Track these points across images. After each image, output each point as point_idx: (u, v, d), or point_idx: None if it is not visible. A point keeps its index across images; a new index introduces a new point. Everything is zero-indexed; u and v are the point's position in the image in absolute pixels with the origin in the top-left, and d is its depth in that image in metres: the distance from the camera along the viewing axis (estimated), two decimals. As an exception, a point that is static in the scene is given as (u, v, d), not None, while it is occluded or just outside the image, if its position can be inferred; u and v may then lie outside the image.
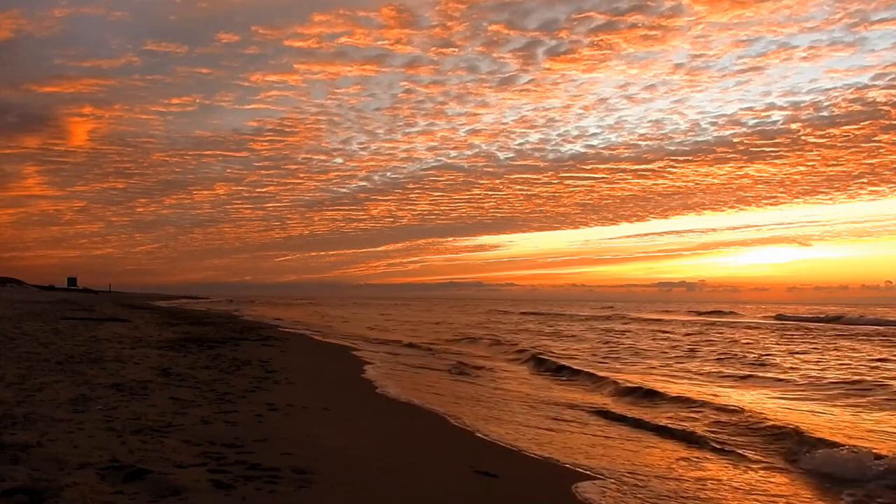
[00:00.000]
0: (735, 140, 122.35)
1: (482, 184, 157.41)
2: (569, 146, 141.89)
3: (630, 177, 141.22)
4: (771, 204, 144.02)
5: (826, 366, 18.69)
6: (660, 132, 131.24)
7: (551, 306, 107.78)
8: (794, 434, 9.03)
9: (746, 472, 7.49)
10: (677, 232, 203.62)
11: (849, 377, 15.72)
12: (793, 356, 21.71)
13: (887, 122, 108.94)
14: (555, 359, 19.46)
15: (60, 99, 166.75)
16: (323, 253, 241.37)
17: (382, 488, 5.51)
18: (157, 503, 4.45)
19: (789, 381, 15.31)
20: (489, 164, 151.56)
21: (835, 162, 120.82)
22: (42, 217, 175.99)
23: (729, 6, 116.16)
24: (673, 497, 6.26)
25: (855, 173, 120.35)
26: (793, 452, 8.37)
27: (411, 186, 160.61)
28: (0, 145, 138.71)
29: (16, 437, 5.71)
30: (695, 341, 28.67)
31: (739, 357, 21.15)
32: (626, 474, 6.94)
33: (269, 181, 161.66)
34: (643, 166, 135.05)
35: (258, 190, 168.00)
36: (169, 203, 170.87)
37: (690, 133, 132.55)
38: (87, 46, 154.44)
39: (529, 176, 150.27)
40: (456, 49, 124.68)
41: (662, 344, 27.17)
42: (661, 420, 10.34)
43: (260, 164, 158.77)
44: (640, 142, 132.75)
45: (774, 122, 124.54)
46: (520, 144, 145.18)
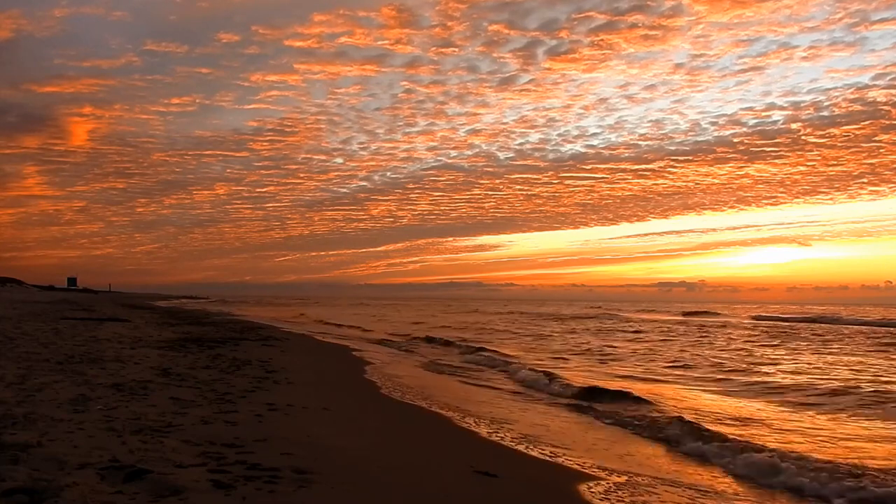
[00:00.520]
0: (735, 140, 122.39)
1: (482, 184, 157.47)
2: (569, 146, 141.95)
3: (630, 177, 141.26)
4: (771, 204, 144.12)
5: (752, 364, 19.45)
6: (660, 132, 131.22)
7: (539, 306, 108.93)
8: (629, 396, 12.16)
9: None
10: (677, 232, 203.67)
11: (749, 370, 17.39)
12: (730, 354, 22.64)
13: (888, 122, 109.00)
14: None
15: (60, 99, 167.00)
16: (323, 253, 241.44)
17: (382, 488, 5.51)
18: (157, 503, 4.45)
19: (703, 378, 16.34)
20: (489, 164, 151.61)
21: (835, 162, 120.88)
22: (42, 217, 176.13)
23: (729, 6, 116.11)
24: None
25: (855, 173, 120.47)
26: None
27: (411, 186, 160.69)
28: (0, 145, 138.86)
29: (16, 437, 5.71)
30: (661, 339, 30.05)
31: (675, 356, 21.97)
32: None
33: (269, 181, 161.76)
34: (643, 166, 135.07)
35: (258, 190, 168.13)
36: (169, 203, 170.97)
37: (691, 133, 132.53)
38: (87, 46, 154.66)
39: (529, 176, 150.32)
40: (456, 49, 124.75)
41: (620, 340, 29.28)
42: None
43: (260, 164, 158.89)
44: (641, 142, 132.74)
45: (775, 122, 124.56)
46: (520, 144, 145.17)
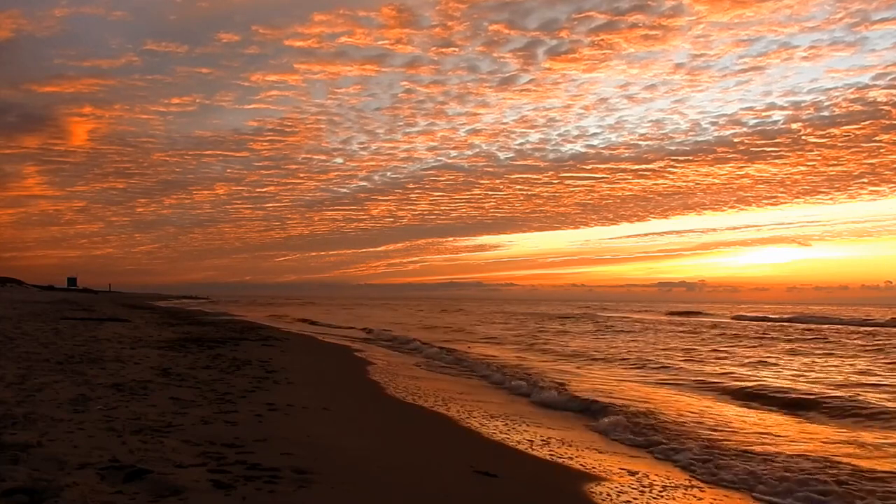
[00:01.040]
0: (735, 140, 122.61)
1: (482, 184, 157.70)
2: (569, 146, 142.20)
3: (630, 177, 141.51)
4: (771, 204, 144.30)
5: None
6: (660, 132, 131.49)
7: (531, 306, 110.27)
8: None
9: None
10: (677, 232, 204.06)
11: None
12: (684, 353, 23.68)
13: (888, 122, 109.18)
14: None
15: (60, 99, 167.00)
16: (323, 253, 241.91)
17: (382, 488, 5.51)
18: (157, 503, 4.44)
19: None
20: (489, 164, 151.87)
21: (835, 162, 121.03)
22: (42, 217, 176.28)
23: (730, 6, 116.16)
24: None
25: (855, 173, 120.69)
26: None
27: (411, 186, 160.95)
28: (0, 145, 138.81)
29: (16, 437, 5.70)
30: (610, 335, 32.41)
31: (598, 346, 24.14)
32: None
33: (270, 181, 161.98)
34: (643, 166, 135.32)
35: (258, 190, 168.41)
36: (169, 203, 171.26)
37: (691, 133, 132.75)
38: (87, 46, 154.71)
39: (529, 176, 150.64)
40: (456, 49, 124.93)
41: (572, 334, 32.36)
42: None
43: (260, 164, 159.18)
44: (641, 142, 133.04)
45: (775, 122, 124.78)
46: (520, 144, 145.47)
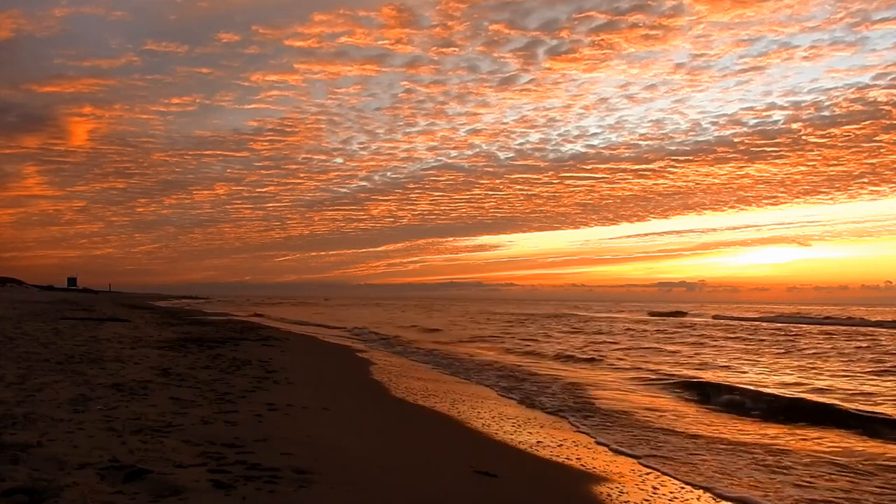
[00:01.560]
0: (736, 140, 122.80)
1: (482, 184, 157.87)
2: (569, 146, 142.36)
3: (630, 177, 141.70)
4: (771, 204, 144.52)
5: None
6: (660, 132, 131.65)
7: (522, 307, 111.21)
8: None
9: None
10: (677, 232, 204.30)
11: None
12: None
13: (888, 122, 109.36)
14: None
15: (60, 99, 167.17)
16: (323, 253, 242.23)
17: (382, 488, 5.51)
18: (157, 503, 4.45)
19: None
20: (489, 164, 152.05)
21: (835, 162, 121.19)
22: (42, 217, 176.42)
23: (730, 6, 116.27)
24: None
25: (856, 173, 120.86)
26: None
27: (411, 186, 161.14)
28: (0, 145, 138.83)
29: (16, 437, 5.70)
30: (571, 332, 35.05)
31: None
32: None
33: (270, 181, 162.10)
34: (644, 166, 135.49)
35: (258, 190, 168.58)
36: (169, 203, 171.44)
37: (691, 133, 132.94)
38: (87, 46, 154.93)
39: (530, 176, 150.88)
40: (456, 49, 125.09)
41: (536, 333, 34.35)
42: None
43: (260, 164, 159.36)
44: (641, 141, 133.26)
45: (775, 122, 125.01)
46: (520, 144, 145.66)
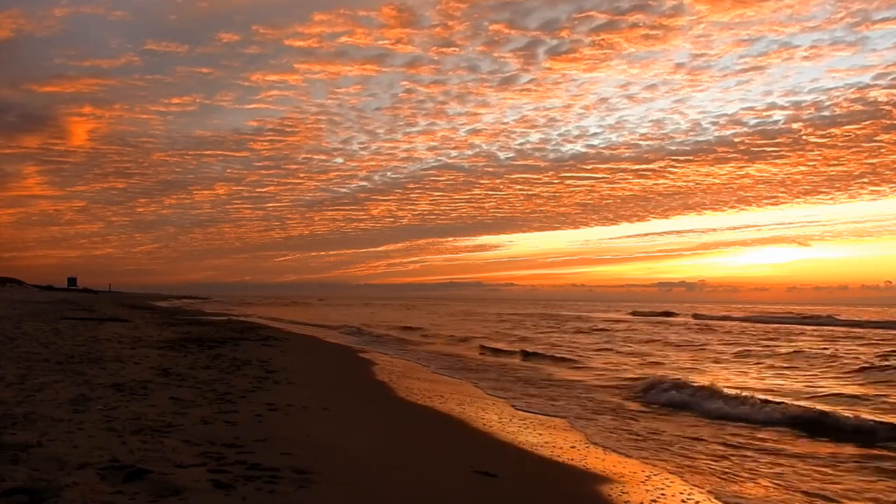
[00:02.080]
0: (736, 140, 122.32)
1: (482, 184, 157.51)
2: (569, 146, 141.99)
3: (631, 177, 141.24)
4: (771, 204, 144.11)
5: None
6: (661, 132, 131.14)
7: (515, 306, 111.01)
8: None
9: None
10: (677, 232, 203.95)
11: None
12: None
13: (888, 122, 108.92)
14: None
15: (60, 99, 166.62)
16: (323, 253, 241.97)
17: (382, 488, 5.51)
18: (157, 503, 4.45)
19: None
20: (489, 164, 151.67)
21: (836, 162, 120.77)
22: (42, 217, 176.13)
23: (730, 5, 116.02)
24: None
25: (856, 173, 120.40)
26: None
27: (411, 186, 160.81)
28: (0, 145, 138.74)
29: (16, 437, 5.71)
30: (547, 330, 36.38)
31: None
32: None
33: (270, 181, 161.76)
34: (644, 166, 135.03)
35: (258, 190, 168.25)
36: (169, 203, 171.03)
37: (691, 133, 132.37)
38: (87, 46, 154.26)
39: (530, 176, 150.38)
40: (457, 49, 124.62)
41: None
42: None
43: (260, 164, 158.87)
44: (641, 141, 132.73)
45: (776, 122, 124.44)
46: (520, 144, 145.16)
